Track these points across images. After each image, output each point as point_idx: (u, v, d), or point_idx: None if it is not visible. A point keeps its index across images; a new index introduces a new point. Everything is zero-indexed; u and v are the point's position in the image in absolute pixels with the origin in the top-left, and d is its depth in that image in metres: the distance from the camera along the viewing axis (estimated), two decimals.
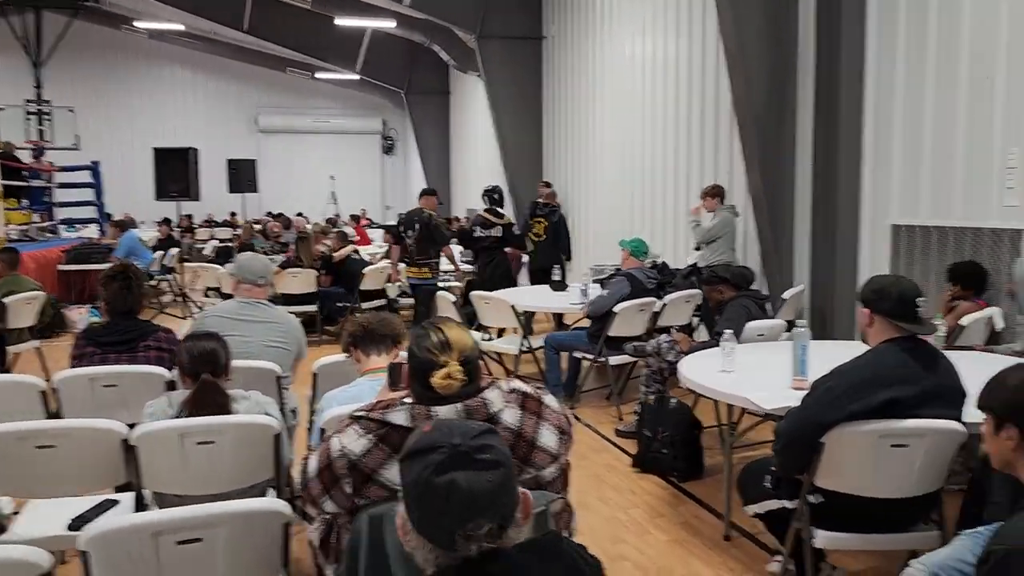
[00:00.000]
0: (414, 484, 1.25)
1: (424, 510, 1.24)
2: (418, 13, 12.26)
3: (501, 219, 8.06)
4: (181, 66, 21.59)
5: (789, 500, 2.81)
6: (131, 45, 21.08)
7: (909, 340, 2.60)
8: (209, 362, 2.75)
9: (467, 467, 1.24)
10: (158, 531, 1.89)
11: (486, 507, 1.23)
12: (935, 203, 5.38)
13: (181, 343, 2.83)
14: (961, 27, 5.09)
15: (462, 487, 1.22)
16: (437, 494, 1.22)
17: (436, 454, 1.25)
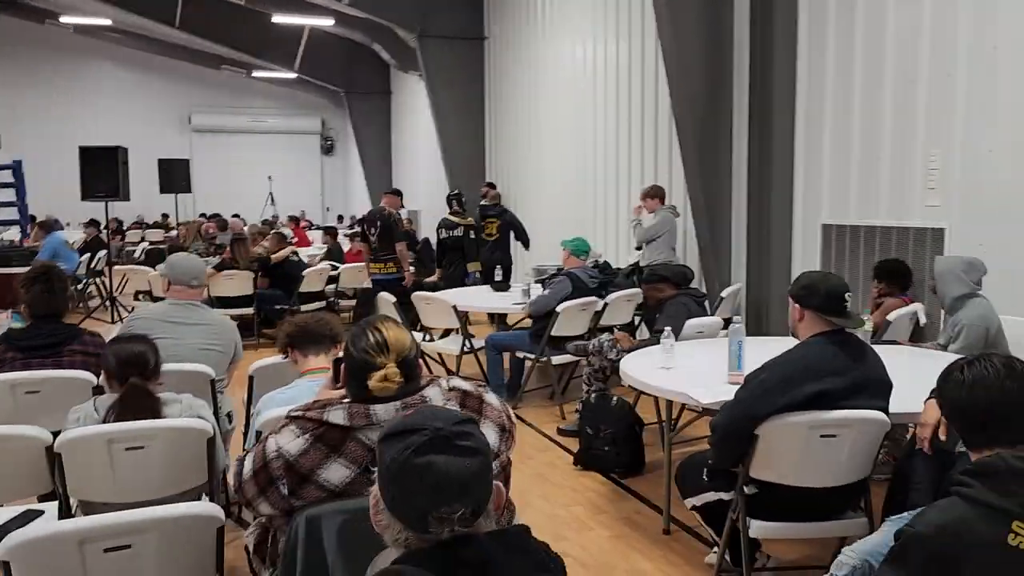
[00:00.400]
0: (392, 462, 1.26)
1: (400, 489, 1.25)
2: (358, 12, 12.12)
3: (465, 220, 8.34)
4: (109, 62, 20.93)
5: (725, 492, 2.87)
6: (55, 40, 20.33)
7: (838, 334, 2.69)
8: (137, 365, 2.66)
9: (447, 451, 1.25)
10: (84, 539, 1.82)
11: (461, 492, 1.24)
12: (863, 203, 5.56)
13: (108, 346, 2.74)
14: (885, 35, 5.28)
15: (440, 469, 1.23)
16: (415, 473, 1.23)
17: (417, 436, 1.26)
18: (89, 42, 20.42)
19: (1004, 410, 1.79)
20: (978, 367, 1.86)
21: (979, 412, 1.82)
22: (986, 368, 1.84)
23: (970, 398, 1.83)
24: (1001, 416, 1.79)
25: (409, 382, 1.91)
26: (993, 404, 1.80)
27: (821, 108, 5.89)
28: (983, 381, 1.82)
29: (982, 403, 1.82)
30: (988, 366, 1.84)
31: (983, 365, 1.85)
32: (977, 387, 1.83)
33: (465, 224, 8.40)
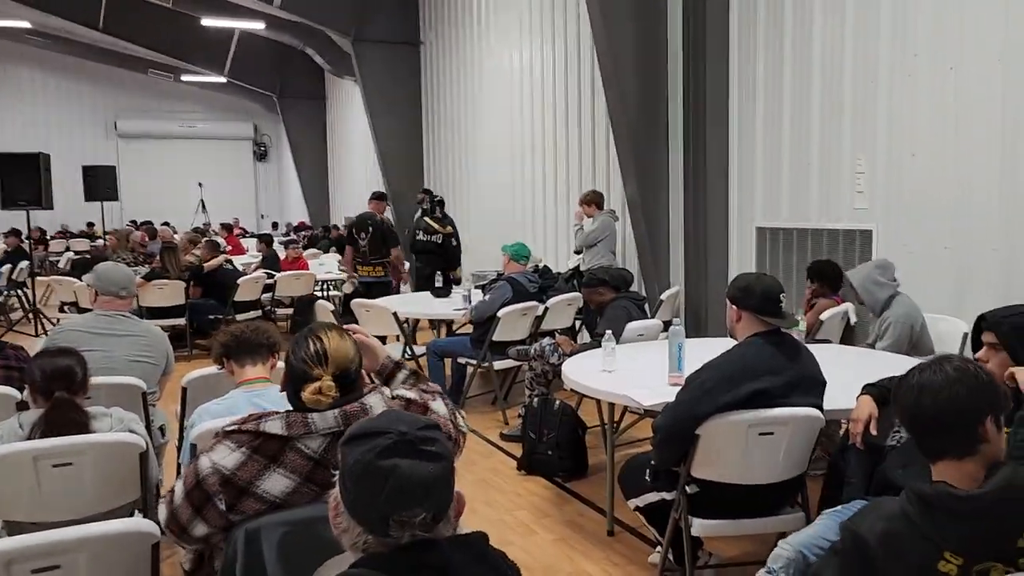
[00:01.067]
0: (356, 464, 1.25)
1: (362, 491, 1.24)
2: (289, 15, 11.93)
3: (445, 228, 8.24)
4: (29, 66, 20.13)
5: (668, 492, 2.91)
6: None
7: (774, 334, 2.75)
8: (64, 379, 2.55)
9: (411, 455, 1.24)
10: (10, 560, 1.73)
11: (424, 496, 1.23)
12: (794, 207, 5.73)
13: (32, 360, 2.62)
14: (812, 45, 5.46)
15: (403, 473, 1.23)
16: (378, 476, 1.23)
17: (382, 438, 1.25)
18: (7, 45, 19.61)
19: (949, 419, 1.67)
20: (928, 373, 1.73)
21: (926, 420, 1.71)
22: (935, 373, 1.71)
23: (917, 405, 1.71)
24: (947, 425, 1.67)
25: (347, 394, 1.88)
26: (940, 412, 1.68)
27: (753, 115, 6.04)
28: (931, 387, 1.70)
29: (929, 411, 1.69)
30: (938, 371, 1.71)
31: (933, 370, 1.72)
32: (925, 393, 1.70)
33: (445, 232, 8.31)
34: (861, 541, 1.63)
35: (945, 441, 1.68)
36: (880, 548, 1.60)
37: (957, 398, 1.67)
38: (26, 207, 8.42)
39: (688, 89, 6.39)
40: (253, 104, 20.71)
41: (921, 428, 1.73)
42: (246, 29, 15.19)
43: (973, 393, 1.67)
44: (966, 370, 1.71)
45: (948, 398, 1.67)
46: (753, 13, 5.96)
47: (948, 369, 1.70)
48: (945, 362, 1.73)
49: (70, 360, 2.61)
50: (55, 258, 15.85)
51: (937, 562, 1.57)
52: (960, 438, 1.67)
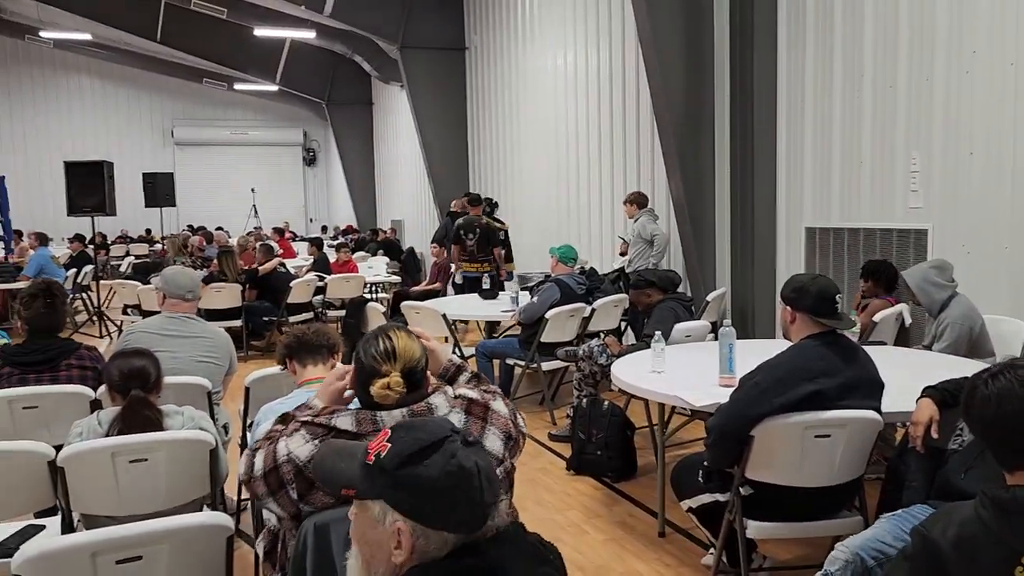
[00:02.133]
0: (446, 475, 1.23)
1: (459, 497, 1.23)
2: (338, 24, 12.15)
3: (503, 226, 9.05)
4: (90, 77, 20.85)
5: (721, 493, 2.92)
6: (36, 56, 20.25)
7: (829, 335, 2.74)
8: (139, 378, 2.68)
9: (470, 447, 1.28)
10: (97, 551, 1.84)
11: (497, 478, 1.30)
12: (845, 206, 5.66)
13: (109, 360, 2.75)
14: (864, 41, 5.39)
15: (482, 464, 1.27)
16: (471, 475, 1.24)
17: (449, 443, 1.26)
18: (68, 57, 20.34)
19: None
20: (1003, 380, 1.64)
21: (1006, 428, 1.62)
22: (1010, 380, 1.63)
23: (997, 414, 1.62)
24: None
25: (414, 391, 1.95)
26: (1022, 420, 1.60)
27: (802, 112, 5.99)
28: (1010, 395, 1.61)
29: (1010, 419, 1.61)
30: (1013, 378, 1.63)
31: (1008, 377, 1.64)
32: (1006, 401, 1.61)
33: (505, 228, 9.26)
34: (933, 546, 1.61)
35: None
36: (953, 552, 1.58)
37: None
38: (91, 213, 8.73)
39: (735, 86, 6.36)
40: (303, 111, 21.13)
41: (999, 437, 1.66)
42: (297, 38, 15.51)
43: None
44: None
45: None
46: (802, 6, 5.91)
47: (1023, 374, 1.63)
48: (1019, 368, 1.66)
49: (145, 360, 2.74)
50: (116, 262, 16.38)
51: (1014, 567, 1.54)
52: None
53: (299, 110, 21.24)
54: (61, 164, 9.35)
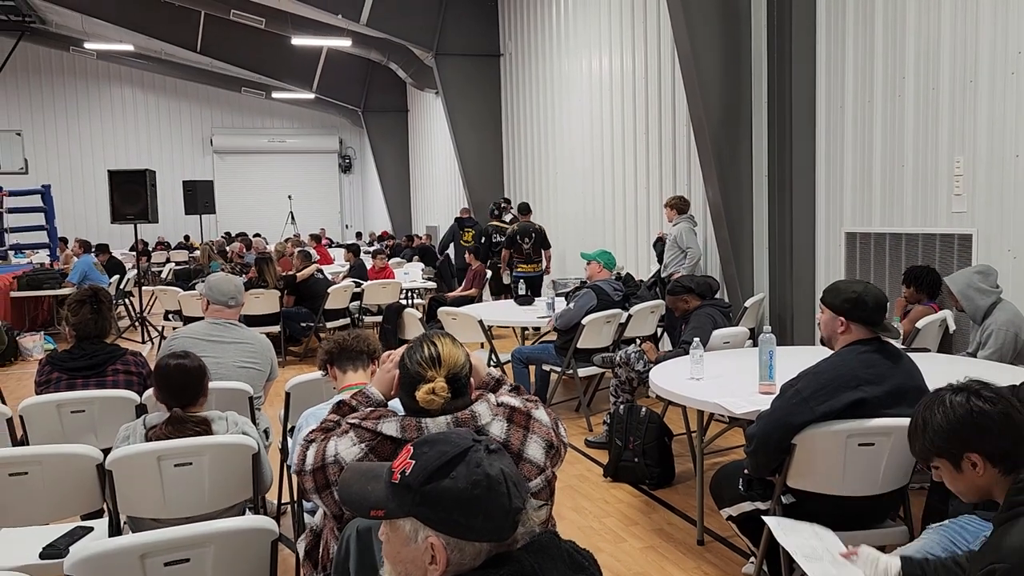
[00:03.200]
0: (474, 485, 1.23)
1: (490, 506, 1.24)
2: (374, 32, 12.28)
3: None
4: (132, 87, 21.32)
5: (762, 501, 2.88)
6: (80, 67, 20.76)
7: (874, 342, 2.70)
8: (187, 383, 2.73)
9: (494, 454, 1.29)
10: (145, 552, 1.88)
11: (523, 482, 1.30)
12: (887, 211, 5.57)
13: (158, 366, 2.80)
14: (906, 41, 5.30)
15: (507, 470, 1.28)
16: (498, 483, 1.24)
17: (474, 453, 1.27)
18: (111, 67, 20.83)
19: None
20: None
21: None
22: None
23: None
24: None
25: (458, 398, 1.96)
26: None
27: (842, 115, 5.91)
28: None
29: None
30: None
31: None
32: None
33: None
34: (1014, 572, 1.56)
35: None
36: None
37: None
38: (133, 221, 8.92)
39: (772, 88, 6.30)
40: (339, 118, 21.38)
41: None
42: (333, 47, 15.71)
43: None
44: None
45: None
46: (842, 6, 5.83)
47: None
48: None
49: (193, 366, 2.78)
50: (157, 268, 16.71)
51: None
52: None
53: (335, 117, 21.50)
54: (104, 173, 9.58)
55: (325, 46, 16.26)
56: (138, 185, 9.02)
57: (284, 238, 13.88)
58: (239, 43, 16.45)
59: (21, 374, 8.32)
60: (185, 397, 2.73)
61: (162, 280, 13.64)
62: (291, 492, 3.78)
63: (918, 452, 2.02)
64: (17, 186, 14.52)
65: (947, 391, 1.95)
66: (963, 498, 1.99)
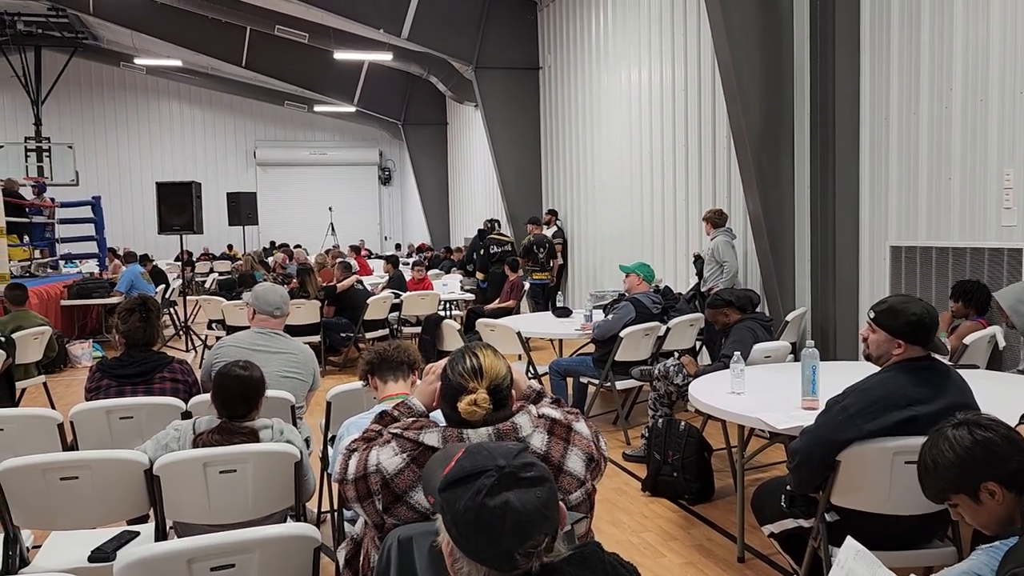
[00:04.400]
0: (467, 511, 1.25)
1: (481, 535, 1.24)
2: (415, 46, 12.43)
3: (508, 238, 10.73)
4: (179, 101, 21.84)
5: (805, 519, 2.84)
6: (129, 81, 21.34)
7: (924, 359, 2.64)
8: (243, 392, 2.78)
9: (517, 486, 1.25)
10: (192, 557, 1.92)
11: (540, 522, 1.25)
12: (933, 224, 5.47)
13: (219, 373, 2.85)
14: (954, 50, 5.21)
15: (516, 507, 1.24)
16: (494, 516, 1.23)
17: (485, 478, 1.26)
18: (159, 82, 21.37)
19: None
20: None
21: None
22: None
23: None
24: None
25: (499, 409, 1.97)
26: None
27: (886, 126, 5.82)
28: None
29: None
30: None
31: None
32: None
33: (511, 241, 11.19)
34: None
35: None
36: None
37: None
38: (179, 231, 9.11)
39: (815, 99, 6.23)
40: (379, 131, 21.64)
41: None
42: (375, 61, 15.94)
43: None
44: None
45: None
46: (886, 17, 5.76)
47: None
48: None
49: (253, 379, 2.83)
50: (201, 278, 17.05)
51: None
52: None
53: (375, 130, 21.77)
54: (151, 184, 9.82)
55: (367, 60, 16.50)
56: (184, 197, 9.23)
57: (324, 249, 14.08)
58: (283, 58, 16.77)
59: (70, 381, 8.54)
60: (239, 408, 2.77)
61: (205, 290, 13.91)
62: (331, 500, 3.82)
63: (933, 493, 2.05)
64: (68, 198, 14.95)
65: (947, 428, 1.99)
66: (986, 531, 1.99)
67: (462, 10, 11.92)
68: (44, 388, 6.67)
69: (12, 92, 19.67)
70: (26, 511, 2.73)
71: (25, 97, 18.88)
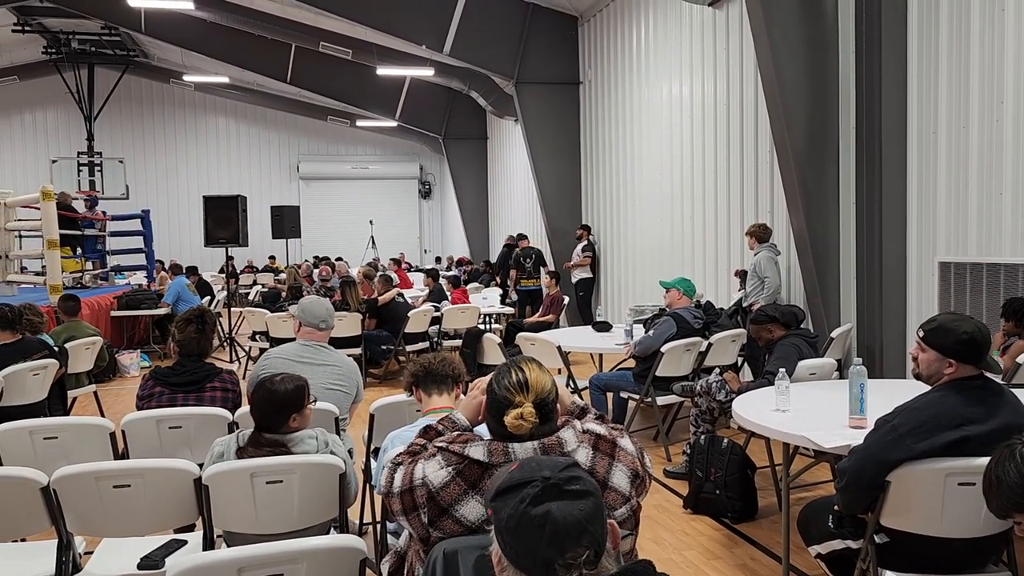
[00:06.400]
0: (510, 518, 1.28)
1: (522, 543, 1.27)
2: (457, 61, 12.55)
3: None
4: (226, 117, 22.31)
5: (853, 540, 2.78)
6: (178, 98, 21.87)
7: (976, 378, 2.59)
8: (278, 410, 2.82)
9: (560, 497, 1.28)
10: (243, 566, 1.95)
11: (580, 535, 1.26)
12: (984, 240, 5.34)
13: (257, 384, 2.90)
14: (1005, 61, 5.11)
15: (557, 516, 1.26)
16: (534, 525, 1.26)
17: (529, 488, 1.29)
18: (207, 98, 21.86)
19: None
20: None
21: None
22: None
23: None
24: None
25: (545, 423, 1.97)
26: None
27: (935, 140, 5.72)
28: None
29: None
30: None
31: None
32: None
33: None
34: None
35: None
36: None
37: None
38: (225, 244, 9.29)
39: (861, 113, 6.15)
40: (419, 145, 21.85)
41: None
42: (417, 76, 16.13)
43: None
44: None
45: None
46: (935, 28, 5.67)
47: None
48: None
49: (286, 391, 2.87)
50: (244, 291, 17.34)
51: None
52: None
53: (416, 144, 21.98)
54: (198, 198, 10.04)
55: (408, 76, 16.70)
56: (230, 210, 9.41)
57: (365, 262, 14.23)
58: (327, 74, 17.06)
59: (119, 390, 8.73)
60: (272, 421, 2.81)
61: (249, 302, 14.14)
62: (373, 513, 3.85)
63: (996, 509, 2.04)
64: (118, 211, 15.35)
65: (1017, 445, 2.00)
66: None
67: (503, 26, 12.02)
68: (95, 397, 6.83)
69: (66, 108, 20.29)
70: (79, 518, 2.80)
71: (79, 113, 19.46)
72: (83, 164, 18.22)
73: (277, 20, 14.28)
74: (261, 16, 14.15)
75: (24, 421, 3.53)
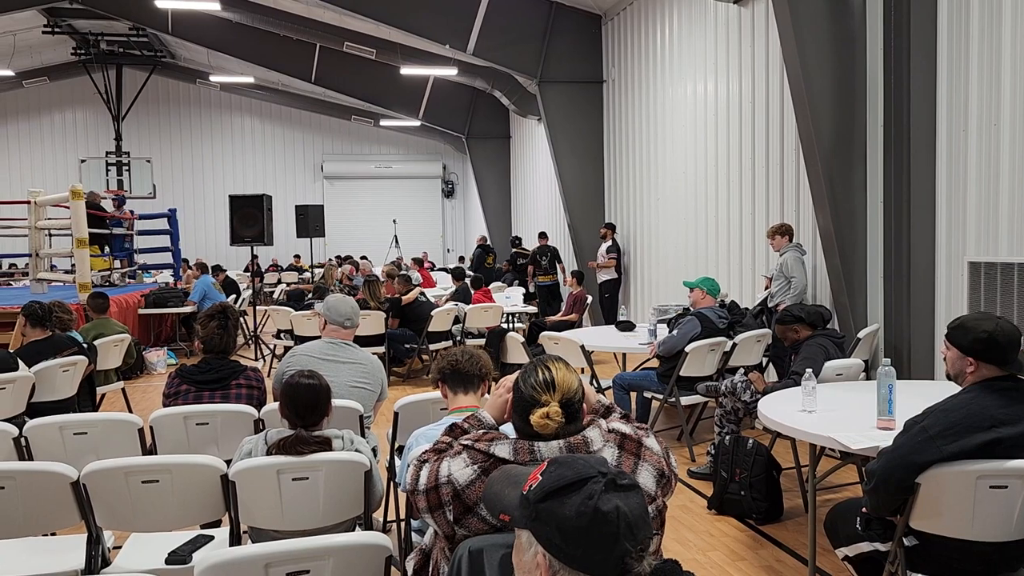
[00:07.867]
0: (579, 516, 1.24)
1: (593, 541, 1.24)
2: (480, 61, 12.57)
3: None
4: (251, 116, 22.50)
5: (882, 542, 2.75)
6: (204, 98, 22.09)
7: (1008, 379, 2.55)
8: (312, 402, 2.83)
9: (619, 490, 1.28)
10: (270, 562, 1.96)
11: (645, 524, 1.27)
12: (1016, 239, 5.25)
13: (287, 383, 2.92)
14: None
15: (625, 510, 1.26)
16: (608, 520, 1.24)
17: (592, 484, 1.27)
18: (232, 98, 22.07)
19: None
20: None
21: None
22: None
23: None
24: None
25: (571, 423, 1.97)
26: None
27: (965, 138, 5.63)
28: None
29: None
30: None
31: None
32: None
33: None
34: None
35: None
36: None
37: None
38: (251, 243, 9.37)
39: (888, 111, 6.07)
40: (442, 144, 21.91)
41: None
42: (440, 75, 16.17)
43: None
44: None
45: None
46: (965, 26, 5.58)
47: None
48: None
49: (321, 387, 2.89)
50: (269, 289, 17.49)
51: None
52: None
53: (439, 144, 22.05)
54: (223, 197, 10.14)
55: (432, 75, 16.75)
56: (256, 209, 9.49)
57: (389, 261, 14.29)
58: (351, 73, 17.16)
59: (146, 387, 8.84)
60: (310, 416, 2.83)
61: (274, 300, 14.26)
62: (396, 510, 3.86)
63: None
64: (146, 210, 15.53)
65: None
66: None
67: (527, 25, 12.01)
68: (123, 394, 6.92)
69: (95, 108, 20.58)
70: (108, 512, 2.84)
71: (107, 113, 19.72)
72: (111, 164, 18.46)
73: (302, 20, 14.37)
74: (286, 16, 14.25)
75: (54, 417, 3.59)
